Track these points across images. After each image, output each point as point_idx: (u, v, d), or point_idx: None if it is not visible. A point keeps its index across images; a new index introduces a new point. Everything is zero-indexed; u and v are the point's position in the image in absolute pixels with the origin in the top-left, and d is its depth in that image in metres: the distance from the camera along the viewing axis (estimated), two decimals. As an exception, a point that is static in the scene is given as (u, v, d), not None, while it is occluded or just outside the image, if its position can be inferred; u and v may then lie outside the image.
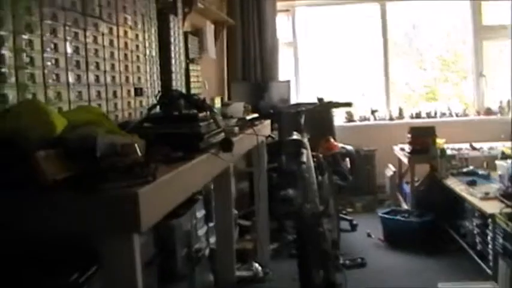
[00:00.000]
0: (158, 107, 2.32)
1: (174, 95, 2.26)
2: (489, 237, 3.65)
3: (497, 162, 4.61)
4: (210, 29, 4.93)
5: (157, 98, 2.32)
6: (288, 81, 6.09)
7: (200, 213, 3.36)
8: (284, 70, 6.39)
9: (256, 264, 4.02)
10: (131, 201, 1.35)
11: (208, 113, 2.26)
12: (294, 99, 6.12)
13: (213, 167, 2.21)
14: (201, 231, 3.37)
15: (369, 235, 5.01)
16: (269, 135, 4.45)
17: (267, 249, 4.30)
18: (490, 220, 3.57)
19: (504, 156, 4.87)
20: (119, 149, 1.57)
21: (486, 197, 3.90)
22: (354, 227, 5.27)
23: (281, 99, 5.77)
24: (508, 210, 3.46)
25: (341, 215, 5.10)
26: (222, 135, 2.30)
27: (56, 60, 2.06)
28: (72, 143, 1.53)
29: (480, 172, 4.75)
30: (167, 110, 2.23)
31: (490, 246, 3.64)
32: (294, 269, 2.67)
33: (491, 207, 3.63)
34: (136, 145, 1.62)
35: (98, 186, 1.39)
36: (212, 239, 3.56)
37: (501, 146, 5.32)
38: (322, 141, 5.29)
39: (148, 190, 1.43)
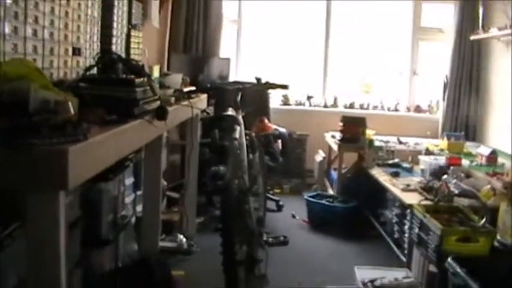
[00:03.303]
0: (96, 68, 2.30)
1: (113, 58, 2.24)
2: (406, 227, 3.83)
3: (421, 157, 4.83)
4: (155, -4, 4.85)
5: (96, 59, 2.29)
6: (229, 59, 6.10)
7: (129, 181, 3.34)
8: (226, 47, 6.38)
9: (181, 236, 4.05)
10: (60, 158, 1.35)
11: (145, 79, 2.25)
12: (233, 77, 6.14)
13: (145, 134, 2.22)
14: (129, 199, 3.36)
15: (293, 216, 5.14)
16: (204, 110, 4.46)
17: (193, 222, 4.33)
18: (408, 211, 3.74)
19: (428, 152, 5.10)
20: (52, 106, 1.56)
21: (407, 188, 4.08)
22: (280, 208, 5.37)
23: (220, 76, 5.78)
24: (426, 202, 3.65)
25: (268, 195, 5.19)
26: (158, 103, 2.31)
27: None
28: (3, 96, 1.50)
29: (404, 165, 4.95)
30: (105, 72, 2.21)
31: (406, 235, 3.82)
32: (219, 243, 2.71)
33: (411, 198, 3.81)
34: (70, 103, 1.60)
35: (27, 141, 1.38)
36: (139, 208, 3.55)
37: (426, 143, 5.56)
38: (257, 121, 5.37)
39: (78, 148, 1.43)
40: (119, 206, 2.94)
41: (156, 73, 3.61)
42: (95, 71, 2.32)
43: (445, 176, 4.04)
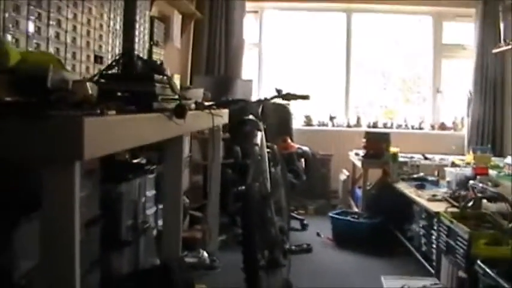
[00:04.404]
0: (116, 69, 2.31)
1: (132, 56, 2.26)
2: (433, 237, 3.75)
3: (447, 168, 4.75)
4: (177, 18, 4.95)
5: (116, 58, 2.31)
6: (251, 81, 6.13)
7: (150, 192, 3.33)
8: (248, 70, 6.43)
9: (204, 252, 4.01)
10: (76, 127, 1.34)
11: (165, 77, 2.26)
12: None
13: (163, 129, 2.20)
14: (150, 211, 3.34)
15: (318, 234, 5.06)
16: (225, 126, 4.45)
17: (216, 240, 4.29)
18: (435, 220, 3.66)
19: (454, 165, 5.02)
20: (70, 86, 1.57)
21: (433, 198, 4.02)
22: (304, 227, 5.30)
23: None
24: (453, 209, 3.57)
25: (292, 215, 5.13)
26: (177, 102, 2.31)
27: (17, 6, 2.05)
28: (23, 72, 1.53)
29: (430, 178, 4.86)
30: (124, 69, 2.23)
31: (434, 246, 3.74)
32: (241, 259, 2.65)
33: (437, 207, 3.75)
34: (88, 84, 1.62)
35: (44, 113, 1.38)
36: (160, 222, 3.53)
37: (452, 158, 5.47)
38: (280, 140, 5.36)
39: (94, 121, 1.42)
40: (139, 211, 2.93)
41: (177, 82, 3.64)
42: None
43: (471, 182, 3.95)
